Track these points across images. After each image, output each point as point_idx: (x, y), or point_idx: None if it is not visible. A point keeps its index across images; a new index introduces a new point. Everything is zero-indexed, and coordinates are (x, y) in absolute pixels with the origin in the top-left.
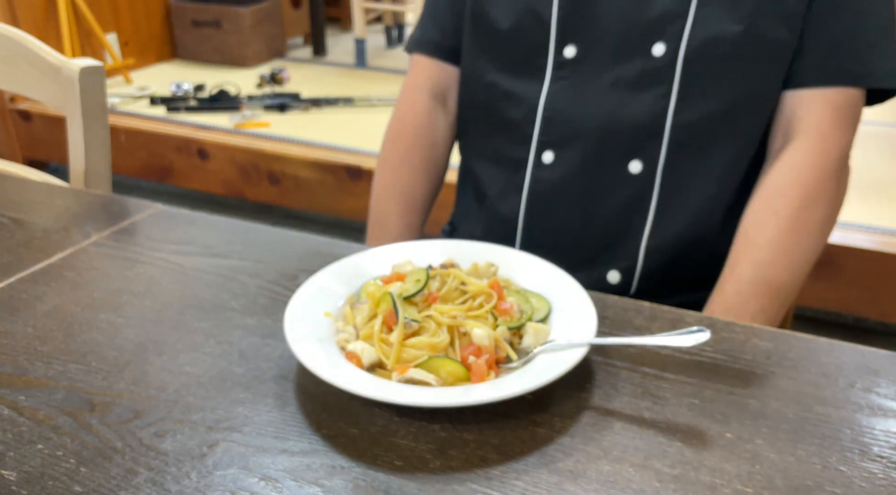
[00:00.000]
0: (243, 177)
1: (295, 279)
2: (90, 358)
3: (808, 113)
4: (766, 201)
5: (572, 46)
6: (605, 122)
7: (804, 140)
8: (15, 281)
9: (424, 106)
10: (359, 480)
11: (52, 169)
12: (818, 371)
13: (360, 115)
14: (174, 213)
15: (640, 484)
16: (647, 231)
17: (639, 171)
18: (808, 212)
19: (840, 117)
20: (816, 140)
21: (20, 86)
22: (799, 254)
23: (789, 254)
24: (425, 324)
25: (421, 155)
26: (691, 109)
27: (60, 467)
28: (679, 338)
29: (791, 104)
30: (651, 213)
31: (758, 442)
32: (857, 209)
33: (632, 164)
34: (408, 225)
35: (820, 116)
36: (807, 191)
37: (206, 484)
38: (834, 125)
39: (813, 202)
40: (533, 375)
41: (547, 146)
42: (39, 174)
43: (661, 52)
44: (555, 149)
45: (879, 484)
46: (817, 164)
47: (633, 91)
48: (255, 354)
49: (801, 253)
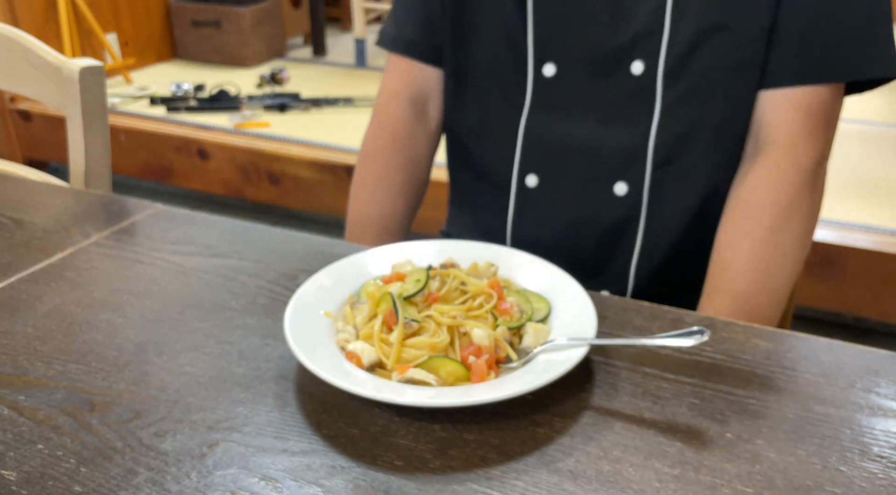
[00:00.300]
0: (243, 177)
1: (295, 279)
2: (90, 358)
3: (778, 118)
4: (738, 222)
5: (551, 65)
6: (588, 145)
7: (774, 151)
8: (15, 281)
9: (402, 117)
10: (359, 480)
11: (52, 169)
12: (818, 371)
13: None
14: (174, 213)
15: (640, 484)
16: (636, 250)
17: (624, 193)
18: (782, 233)
19: (812, 122)
20: (787, 151)
21: (20, 86)
22: (777, 278)
23: (766, 278)
24: (425, 324)
25: (400, 176)
26: (674, 126)
27: (60, 467)
28: (679, 337)
29: (762, 107)
30: (640, 234)
31: (758, 442)
32: (857, 209)
33: (617, 186)
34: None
35: (790, 123)
36: (779, 210)
37: (206, 484)
38: (805, 132)
39: (787, 220)
40: (533, 375)
41: (530, 169)
42: (39, 174)
43: (639, 70)
44: (538, 173)
45: (879, 484)
46: (788, 180)
47: (615, 111)
48: (255, 354)
49: (778, 276)
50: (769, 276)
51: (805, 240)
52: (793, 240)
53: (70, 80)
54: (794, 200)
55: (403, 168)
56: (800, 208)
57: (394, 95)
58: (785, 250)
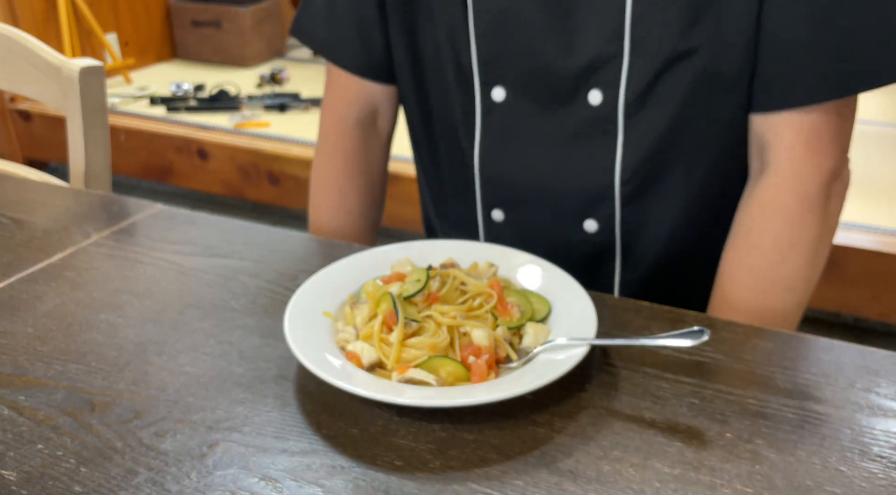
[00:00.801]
0: (243, 177)
1: (295, 279)
2: (90, 358)
3: (777, 139)
4: (740, 253)
5: (500, 88)
6: (550, 182)
7: (775, 176)
8: (15, 281)
9: (353, 144)
10: (359, 480)
11: (52, 169)
12: (818, 371)
13: None
14: (174, 213)
15: (640, 484)
16: (616, 281)
17: (595, 230)
18: (784, 265)
19: (816, 141)
20: (788, 177)
21: (20, 86)
22: (780, 315)
23: (770, 315)
24: (425, 324)
25: (357, 199)
26: (640, 160)
27: (60, 467)
28: (679, 338)
29: (759, 128)
30: (618, 265)
31: (758, 442)
32: (857, 209)
33: (587, 223)
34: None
35: (790, 143)
36: (780, 241)
37: (206, 484)
38: (808, 153)
39: (790, 250)
40: (533, 375)
41: (493, 204)
42: (39, 174)
43: (598, 100)
44: (503, 209)
45: (879, 484)
46: (790, 208)
47: (575, 144)
48: (255, 354)
49: (781, 312)
50: (772, 311)
51: (812, 269)
52: (797, 272)
53: (70, 80)
54: (797, 226)
55: (362, 187)
56: (805, 232)
57: (341, 120)
58: (789, 284)
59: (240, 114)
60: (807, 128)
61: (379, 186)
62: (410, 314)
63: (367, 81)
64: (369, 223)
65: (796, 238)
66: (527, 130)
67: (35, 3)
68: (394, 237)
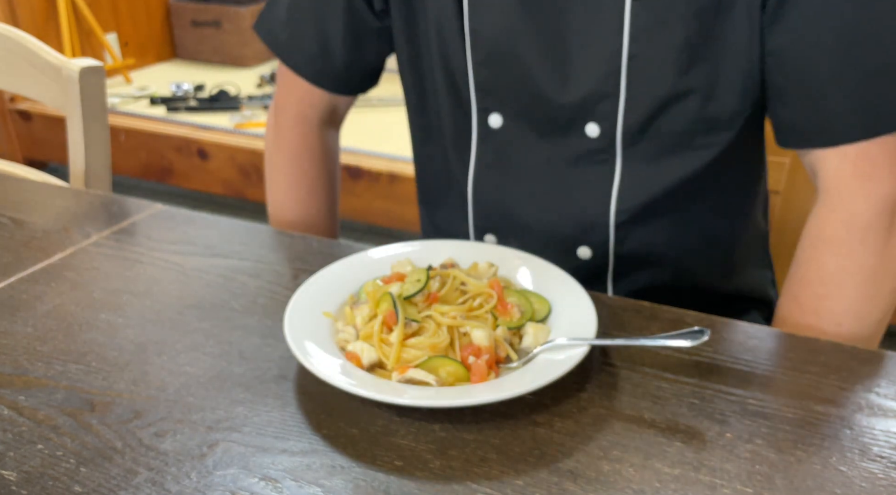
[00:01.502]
0: (243, 177)
1: (295, 279)
2: (90, 358)
3: (824, 166)
4: (792, 284)
5: (497, 115)
6: (545, 209)
7: (823, 202)
8: (15, 281)
9: (319, 138)
10: (359, 480)
11: (52, 169)
12: (818, 371)
13: (359, 115)
14: (174, 213)
15: (640, 484)
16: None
17: (588, 257)
18: (830, 300)
19: (867, 168)
20: (836, 200)
21: (20, 86)
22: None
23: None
24: (425, 325)
25: (325, 194)
26: (638, 191)
27: (60, 467)
28: (679, 338)
29: (805, 156)
30: (610, 288)
31: (758, 442)
32: None
33: (580, 250)
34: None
35: (836, 170)
36: (824, 274)
37: (206, 484)
38: (860, 177)
39: (835, 284)
40: (533, 375)
41: (486, 229)
42: (39, 174)
43: (595, 133)
44: (496, 233)
45: (879, 484)
46: (838, 235)
47: (572, 172)
48: (255, 354)
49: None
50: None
51: (868, 304)
52: (845, 307)
53: (70, 80)
54: (842, 263)
55: (327, 182)
56: (852, 270)
57: (302, 119)
58: (837, 319)
59: (240, 114)
60: (856, 154)
61: (337, 173)
62: (410, 314)
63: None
64: (335, 214)
65: (845, 271)
66: (523, 157)
67: (35, 3)
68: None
